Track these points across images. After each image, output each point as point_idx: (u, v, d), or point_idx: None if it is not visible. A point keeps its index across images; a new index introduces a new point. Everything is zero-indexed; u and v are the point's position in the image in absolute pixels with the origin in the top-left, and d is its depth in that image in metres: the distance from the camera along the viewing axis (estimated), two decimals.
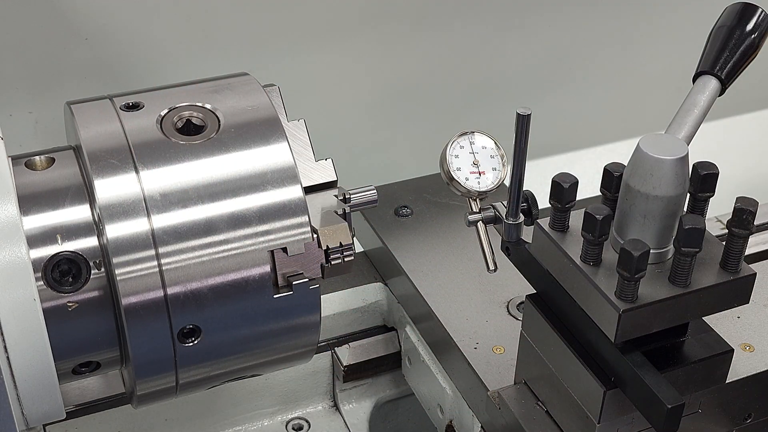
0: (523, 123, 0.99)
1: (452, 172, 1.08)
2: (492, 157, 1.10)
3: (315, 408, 1.42)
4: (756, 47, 1.09)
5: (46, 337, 0.89)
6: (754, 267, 1.29)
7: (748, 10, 1.10)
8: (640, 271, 0.92)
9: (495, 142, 1.10)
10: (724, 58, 1.07)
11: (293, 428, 1.40)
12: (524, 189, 1.07)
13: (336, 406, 1.42)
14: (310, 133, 1.07)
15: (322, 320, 1.05)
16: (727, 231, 0.97)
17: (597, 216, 0.94)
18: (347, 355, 1.39)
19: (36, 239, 0.92)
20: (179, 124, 1.00)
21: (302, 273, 0.99)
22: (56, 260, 0.93)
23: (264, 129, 1.00)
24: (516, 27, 1.77)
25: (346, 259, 1.01)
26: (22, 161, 0.98)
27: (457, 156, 1.09)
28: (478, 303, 1.29)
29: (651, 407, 0.95)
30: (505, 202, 1.07)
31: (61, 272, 0.93)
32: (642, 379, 0.95)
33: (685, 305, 0.97)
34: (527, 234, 1.07)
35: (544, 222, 1.03)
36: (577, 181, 1.01)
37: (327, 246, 1.00)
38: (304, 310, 1.01)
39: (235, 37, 1.59)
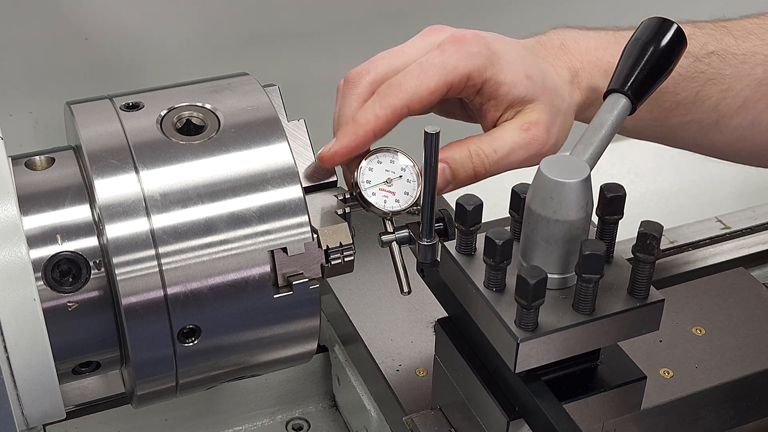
0: (431, 141, 0.94)
1: (363, 192, 1.04)
2: (407, 176, 1.05)
3: (315, 408, 1.42)
4: (669, 65, 1.04)
5: (46, 337, 0.89)
6: (682, 288, 1.24)
7: (664, 25, 1.04)
8: (537, 299, 0.88)
9: (411, 160, 1.06)
10: (635, 75, 1.01)
11: (293, 428, 1.40)
12: (442, 208, 1.03)
13: (336, 406, 1.42)
14: (310, 133, 1.07)
15: None
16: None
17: (497, 241, 0.90)
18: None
19: (36, 239, 0.92)
20: (179, 124, 1.00)
21: (302, 273, 0.99)
22: (56, 260, 0.93)
23: (264, 129, 1.00)
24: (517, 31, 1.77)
25: (346, 259, 1.01)
26: (22, 161, 0.98)
27: (369, 176, 1.05)
28: (405, 323, 1.26)
29: None
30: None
31: (61, 272, 0.93)
32: (542, 410, 0.92)
33: (590, 333, 0.92)
34: None
35: (451, 245, 0.99)
36: (482, 203, 0.96)
37: (327, 246, 1.00)
38: (304, 310, 1.01)
39: (235, 37, 1.59)
